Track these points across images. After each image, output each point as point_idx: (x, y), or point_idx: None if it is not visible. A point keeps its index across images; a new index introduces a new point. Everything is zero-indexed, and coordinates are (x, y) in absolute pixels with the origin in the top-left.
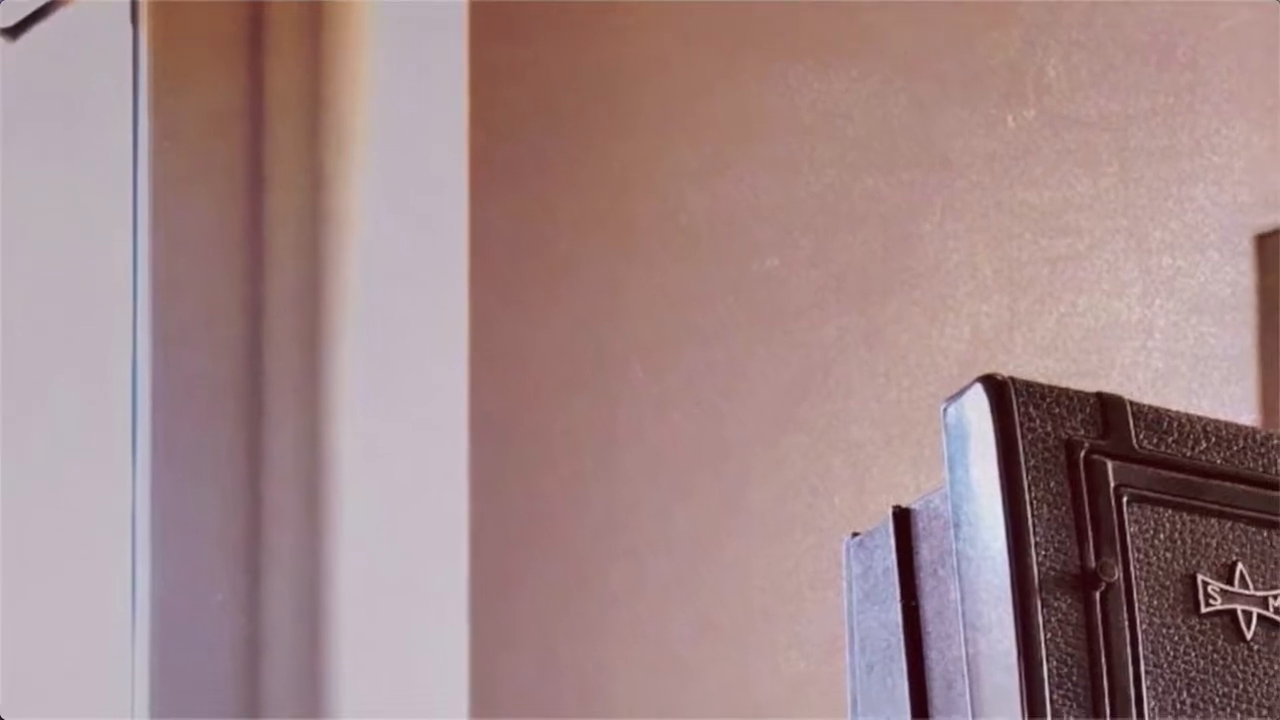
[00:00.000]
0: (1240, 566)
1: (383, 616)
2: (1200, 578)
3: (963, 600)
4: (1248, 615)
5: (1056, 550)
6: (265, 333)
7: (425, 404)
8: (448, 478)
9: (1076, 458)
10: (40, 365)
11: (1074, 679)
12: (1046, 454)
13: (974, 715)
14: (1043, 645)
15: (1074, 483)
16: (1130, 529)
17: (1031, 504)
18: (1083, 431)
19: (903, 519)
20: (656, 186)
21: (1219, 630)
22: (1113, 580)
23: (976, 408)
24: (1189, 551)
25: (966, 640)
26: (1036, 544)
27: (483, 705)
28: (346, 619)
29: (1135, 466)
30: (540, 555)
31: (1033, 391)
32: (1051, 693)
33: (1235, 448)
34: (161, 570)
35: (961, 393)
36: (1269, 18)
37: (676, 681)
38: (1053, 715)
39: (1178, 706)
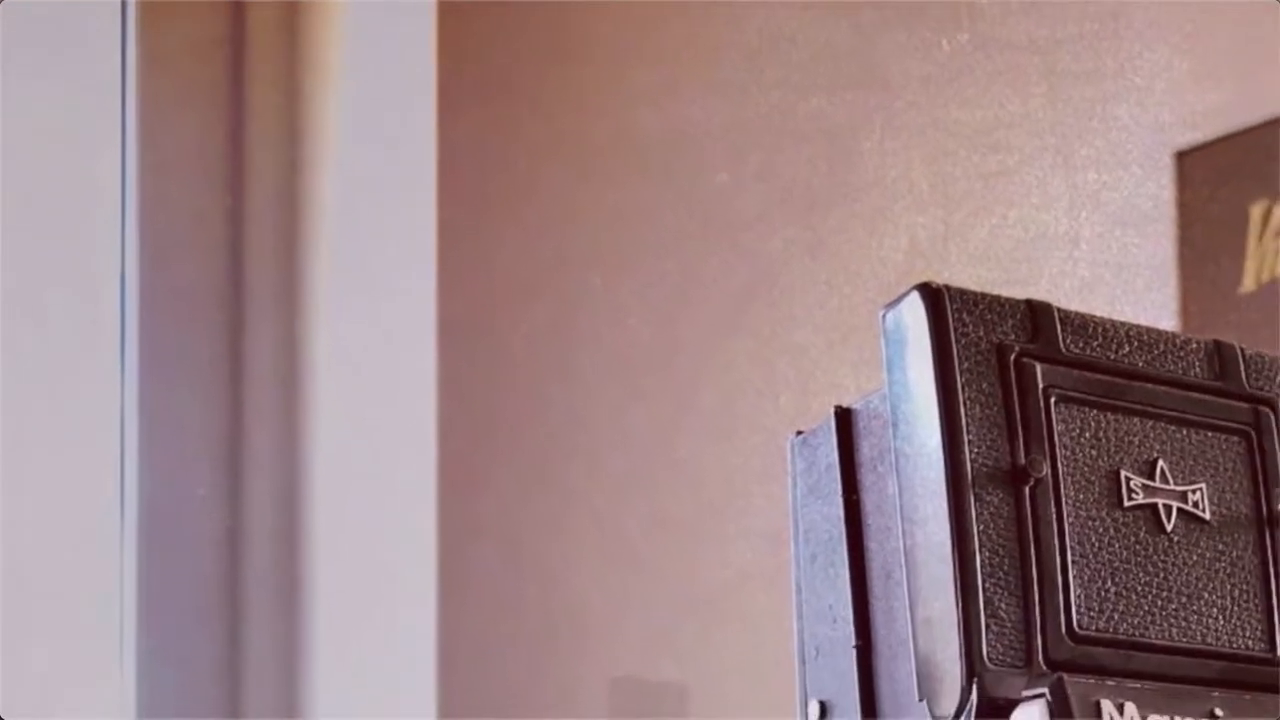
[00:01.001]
0: (1161, 463)
1: (356, 511)
2: (1123, 473)
3: (901, 495)
4: (1168, 509)
5: (989, 447)
6: (245, 244)
7: (396, 311)
8: (417, 380)
9: (1007, 360)
10: (33, 276)
11: (1005, 569)
12: (979, 357)
13: (911, 603)
14: (975, 537)
15: (1005, 384)
16: (1058, 427)
17: (965, 404)
18: (1013, 336)
19: (844, 418)
20: (613, 107)
21: (1141, 523)
22: (1041, 476)
23: (913, 314)
24: (1113, 449)
25: (904, 532)
26: (970, 441)
27: (450, 594)
28: (322, 514)
29: (1062, 369)
30: (504, 452)
31: (966, 298)
32: (984, 581)
33: (1156, 351)
34: (148, 467)
35: (899, 300)
36: None
37: (631, 570)
38: (985, 603)
39: (1102, 594)
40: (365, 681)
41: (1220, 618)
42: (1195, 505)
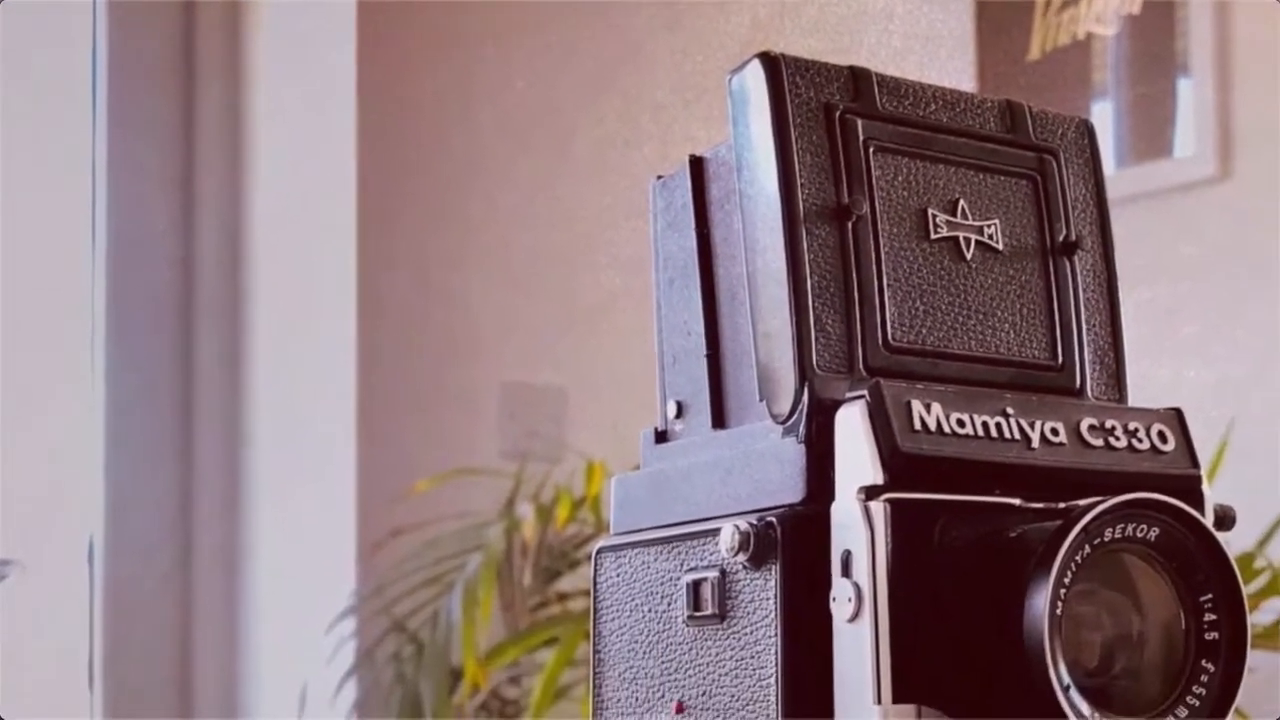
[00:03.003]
0: (962, 202)
1: (289, 242)
2: (930, 211)
3: (744, 229)
4: (967, 240)
5: (817, 190)
6: (196, 24)
7: (322, 77)
8: (340, 132)
9: (833, 117)
10: (17, 56)
11: (831, 291)
12: (809, 114)
13: (753, 319)
14: (806, 264)
15: (831, 137)
16: (875, 173)
17: (797, 153)
18: (838, 96)
19: (697, 165)
20: None
21: (945, 252)
22: (861, 213)
23: (755, 78)
24: (921, 190)
25: (747, 260)
26: (801, 185)
27: (368, 312)
28: (261, 244)
29: (879, 123)
30: (413, 193)
31: (799, 65)
32: (813, 301)
33: (958, 109)
34: (115, 205)
35: (743, 66)
36: None
37: (520, 292)
38: (814, 320)
39: (912, 312)
40: (296, 387)
41: (1011, 332)
42: (990, 237)
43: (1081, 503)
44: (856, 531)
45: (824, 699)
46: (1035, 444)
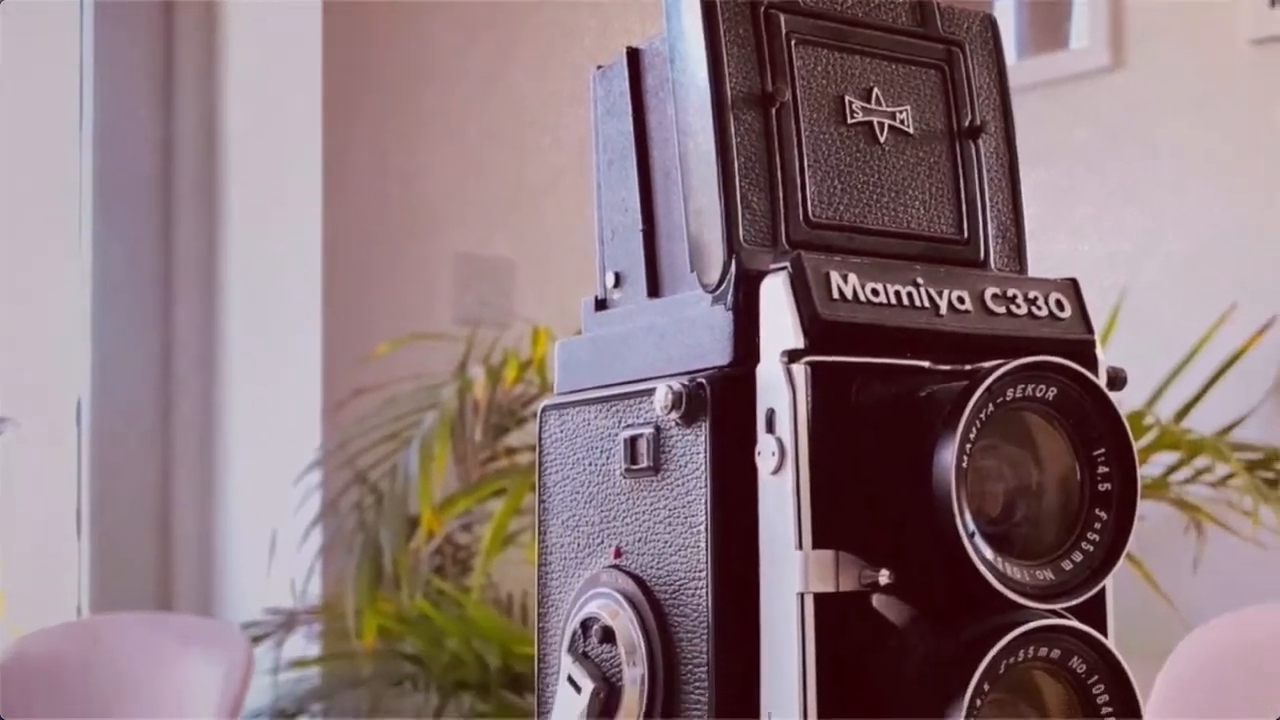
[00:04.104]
0: (876, 90)
1: (261, 122)
2: (847, 98)
3: (677, 115)
4: (881, 125)
5: (744, 79)
6: None
7: None
8: (306, 27)
9: (758, 12)
10: None
11: (756, 171)
12: (736, 8)
13: (685, 197)
14: (734, 147)
15: (756, 30)
16: (797, 63)
17: (725, 45)
18: None
19: (634, 56)
20: None
21: (860, 136)
22: (784, 100)
23: None
24: (839, 79)
25: (679, 143)
26: (729, 74)
27: (333, 191)
28: (235, 125)
29: (800, 18)
30: (374, 83)
31: None
32: (740, 181)
33: (873, 4)
34: (101, 91)
35: None
36: None
37: (471, 172)
38: (741, 197)
39: (831, 191)
40: (266, 259)
41: (921, 209)
42: (902, 122)
43: (985, 365)
44: (779, 391)
45: (749, 544)
46: (943, 311)
